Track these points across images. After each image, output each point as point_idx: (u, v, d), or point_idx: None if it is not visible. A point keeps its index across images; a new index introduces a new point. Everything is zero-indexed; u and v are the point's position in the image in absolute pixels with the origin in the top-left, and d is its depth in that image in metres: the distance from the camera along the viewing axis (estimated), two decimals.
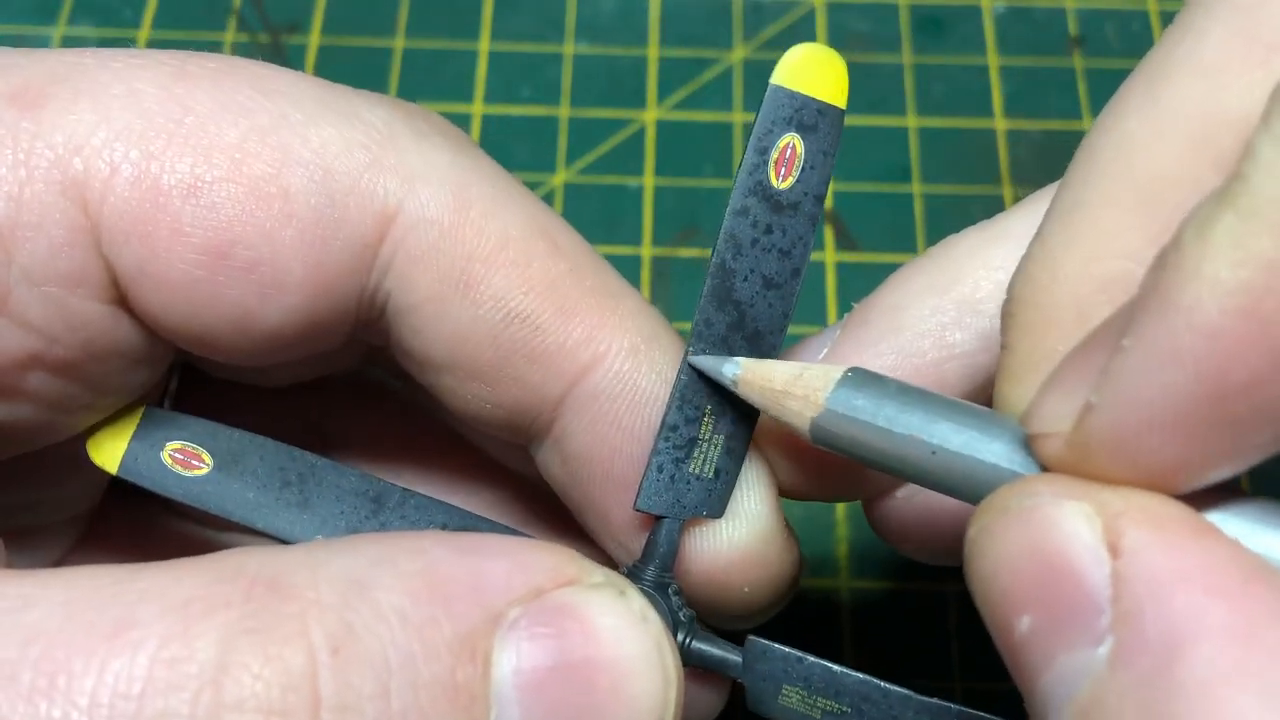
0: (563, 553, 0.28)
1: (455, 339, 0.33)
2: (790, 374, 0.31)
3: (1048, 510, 0.25)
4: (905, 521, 0.36)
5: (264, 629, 0.24)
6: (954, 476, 0.29)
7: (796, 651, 0.32)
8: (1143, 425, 0.24)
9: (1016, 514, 0.25)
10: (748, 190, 0.33)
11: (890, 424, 0.29)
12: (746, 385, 0.32)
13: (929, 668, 0.47)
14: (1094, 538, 0.24)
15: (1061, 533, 0.24)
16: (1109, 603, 0.23)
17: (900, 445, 0.29)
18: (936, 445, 0.29)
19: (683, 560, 0.34)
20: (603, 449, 0.34)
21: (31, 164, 0.30)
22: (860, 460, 0.31)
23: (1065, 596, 0.24)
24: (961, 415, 0.29)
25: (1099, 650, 0.23)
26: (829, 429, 0.30)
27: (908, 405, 0.29)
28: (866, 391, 0.30)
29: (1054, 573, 0.24)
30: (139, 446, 0.34)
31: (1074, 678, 0.23)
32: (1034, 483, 0.26)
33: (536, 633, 0.26)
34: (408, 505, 0.35)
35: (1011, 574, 0.25)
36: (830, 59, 0.33)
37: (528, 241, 0.33)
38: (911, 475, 0.30)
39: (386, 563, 0.26)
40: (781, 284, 0.33)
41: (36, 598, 0.25)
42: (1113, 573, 0.23)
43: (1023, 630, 0.24)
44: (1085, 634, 0.23)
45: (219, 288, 0.31)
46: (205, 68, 0.32)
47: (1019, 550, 0.25)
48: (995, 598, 0.25)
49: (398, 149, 0.32)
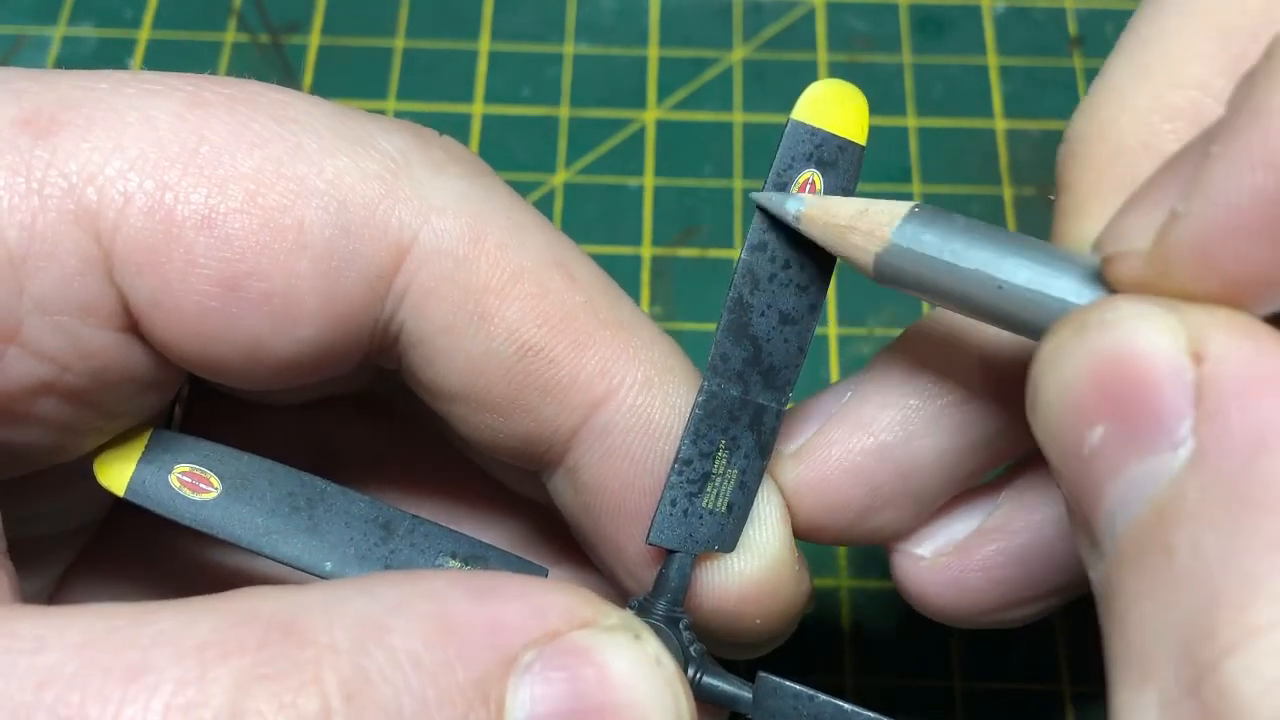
0: (578, 594, 0.27)
1: (468, 370, 0.33)
2: (855, 209, 0.31)
3: (1129, 322, 0.25)
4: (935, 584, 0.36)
5: (278, 675, 0.24)
6: (1022, 312, 0.29)
7: (808, 689, 0.32)
8: (1230, 230, 0.24)
9: (1097, 326, 0.25)
10: (766, 225, 0.33)
11: (956, 259, 0.29)
12: (809, 221, 0.32)
13: (929, 668, 0.47)
14: (1177, 346, 0.24)
15: (1143, 342, 0.24)
16: (1191, 406, 0.23)
17: (966, 280, 0.29)
18: (1004, 280, 0.29)
19: (694, 594, 0.34)
20: (615, 482, 0.34)
21: (45, 193, 0.30)
22: (924, 297, 0.30)
23: (1146, 403, 0.24)
24: (1030, 250, 0.29)
25: (1177, 453, 0.23)
26: (893, 264, 0.30)
27: (975, 240, 0.29)
28: (933, 226, 0.30)
29: (1134, 381, 0.24)
30: (147, 469, 0.34)
31: (1148, 482, 0.24)
32: (1114, 299, 0.26)
33: (550, 676, 0.26)
34: (417, 533, 0.35)
35: (1087, 385, 0.25)
36: (852, 95, 0.33)
37: (542, 273, 0.33)
38: (977, 311, 0.30)
39: (401, 606, 0.26)
40: (798, 319, 0.33)
41: (51, 640, 0.24)
42: (1196, 378, 0.24)
43: (1094, 442, 0.25)
44: (1164, 439, 0.24)
45: (232, 319, 0.31)
46: (220, 94, 0.32)
47: (1097, 361, 0.25)
48: (1066, 411, 0.25)
49: (413, 179, 0.32)
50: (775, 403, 0.34)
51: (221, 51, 0.59)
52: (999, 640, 0.46)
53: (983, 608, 0.37)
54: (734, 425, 0.33)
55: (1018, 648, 0.46)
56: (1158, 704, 0.23)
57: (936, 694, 0.46)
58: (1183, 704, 0.22)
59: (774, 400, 0.34)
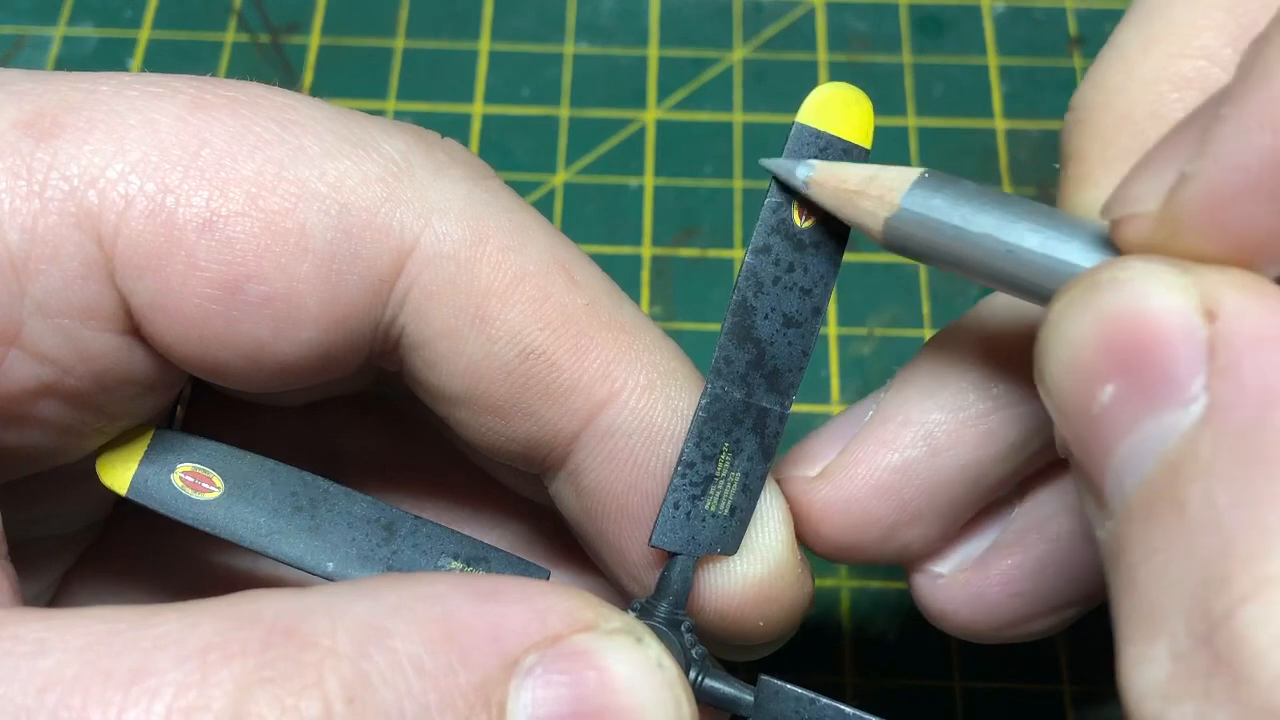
0: (580, 597, 0.27)
1: (469, 373, 0.33)
2: (866, 174, 0.31)
3: (1141, 280, 0.25)
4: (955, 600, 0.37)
5: (280, 678, 0.24)
6: (1030, 276, 0.29)
7: (809, 693, 0.32)
8: (1239, 191, 0.24)
9: (1108, 285, 0.25)
10: (771, 228, 0.33)
11: (966, 223, 0.29)
12: (819, 186, 0.32)
13: (929, 668, 0.47)
14: (1189, 304, 0.24)
15: (1156, 300, 0.24)
16: (1204, 363, 0.23)
17: (975, 245, 0.29)
18: (1012, 244, 0.29)
19: (697, 597, 0.34)
20: (617, 485, 0.34)
21: (46, 196, 0.30)
22: (932, 263, 0.30)
23: (1158, 360, 0.24)
24: (1038, 215, 0.29)
25: (1190, 409, 0.23)
26: (902, 229, 0.30)
27: (984, 205, 0.29)
28: (943, 191, 0.30)
29: (1146, 338, 0.24)
30: (149, 468, 0.34)
31: (1160, 438, 0.24)
32: (1124, 259, 0.26)
33: (552, 680, 0.26)
34: (419, 534, 0.35)
35: (1098, 344, 0.25)
36: (857, 99, 0.33)
37: (544, 276, 0.33)
38: (985, 277, 0.30)
39: (403, 609, 0.26)
40: (802, 322, 0.34)
41: (53, 643, 0.25)
42: (1209, 335, 0.24)
43: (1104, 400, 0.25)
44: (1176, 396, 0.24)
45: (233, 321, 0.31)
46: (222, 96, 0.32)
47: (1108, 320, 0.25)
48: (1077, 370, 0.25)
49: (415, 182, 0.32)
50: (778, 406, 0.34)
51: (221, 51, 0.59)
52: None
53: (1003, 622, 0.37)
54: (737, 428, 0.33)
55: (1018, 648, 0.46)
56: (1168, 655, 0.23)
57: (936, 694, 0.46)
58: (1194, 655, 0.22)
59: (777, 403, 0.34)
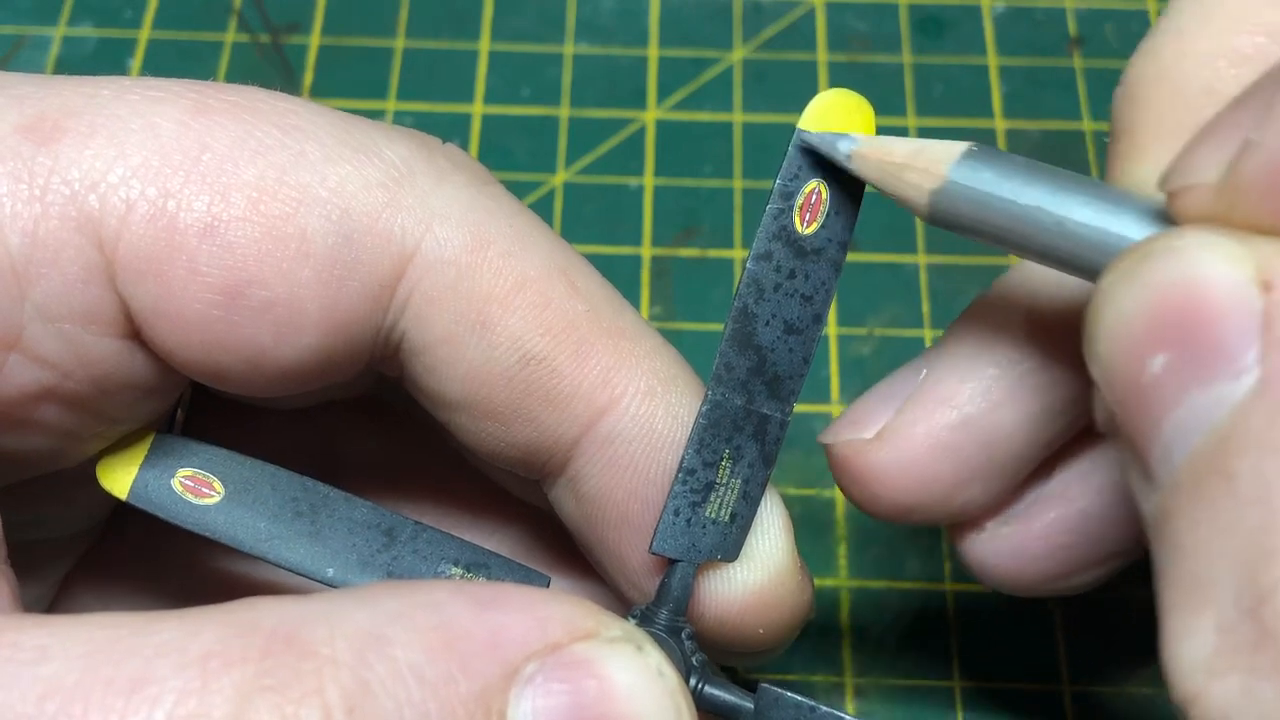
0: (580, 605, 0.27)
1: (470, 379, 0.33)
2: (911, 148, 0.31)
3: (1195, 250, 0.24)
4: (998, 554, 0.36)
5: (280, 686, 0.24)
6: (1082, 250, 0.28)
7: (809, 701, 0.32)
8: None
9: (1162, 254, 0.25)
10: (772, 235, 0.33)
11: (1015, 196, 0.29)
12: (862, 160, 0.32)
13: (929, 668, 0.47)
14: (1244, 275, 0.24)
15: (1210, 270, 0.24)
16: (1258, 335, 0.23)
17: (1025, 219, 0.29)
18: (1064, 217, 0.28)
19: (697, 604, 0.34)
20: (618, 491, 0.34)
21: (47, 200, 0.30)
22: (979, 238, 0.30)
23: (1210, 331, 0.24)
24: (1090, 188, 0.28)
25: (1241, 381, 0.23)
26: (949, 203, 0.30)
27: (1033, 178, 0.29)
28: (992, 164, 0.29)
29: (1199, 309, 0.24)
30: (149, 473, 0.34)
31: (1210, 410, 0.24)
32: (1179, 229, 0.26)
33: (552, 689, 0.26)
34: (419, 539, 0.35)
35: (1150, 313, 0.25)
36: (858, 105, 0.33)
37: (545, 282, 0.33)
38: (1035, 252, 0.29)
39: (403, 617, 0.26)
40: (803, 329, 0.34)
41: (53, 650, 0.24)
42: (1265, 306, 0.23)
43: (1154, 370, 0.24)
44: (1228, 367, 0.24)
45: (234, 326, 0.31)
46: (224, 101, 0.32)
47: (1161, 289, 0.25)
48: (1127, 340, 0.25)
49: (416, 188, 0.32)
50: (779, 412, 0.34)
51: (221, 51, 0.59)
52: (999, 640, 0.46)
53: (1045, 575, 0.37)
54: (738, 435, 0.33)
55: (1018, 648, 0.46)
56: (1215, 627, 0.23)
57: (936, 694, 0.46)
58: (1241, 626, 0.22)
59: (778, 410, 0.34)
